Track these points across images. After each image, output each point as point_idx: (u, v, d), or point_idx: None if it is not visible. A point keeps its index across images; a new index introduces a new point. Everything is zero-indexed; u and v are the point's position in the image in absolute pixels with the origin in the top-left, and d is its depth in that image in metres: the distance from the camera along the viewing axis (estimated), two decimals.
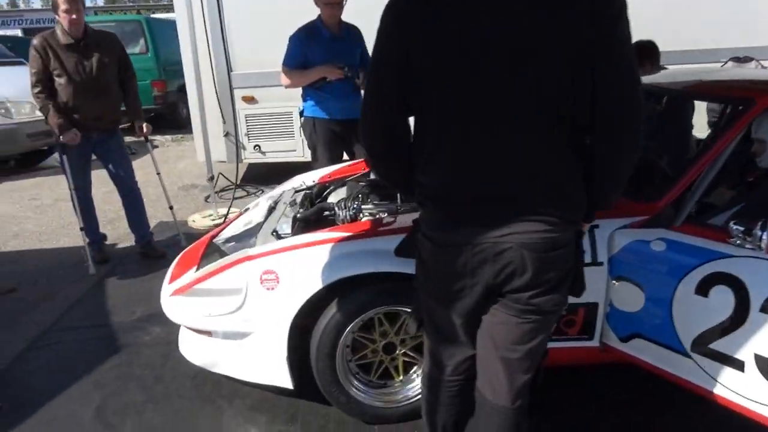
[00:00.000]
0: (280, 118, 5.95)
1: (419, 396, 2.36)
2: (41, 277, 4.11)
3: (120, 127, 4.19)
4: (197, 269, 2.63)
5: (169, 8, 11.44)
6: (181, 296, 2.56)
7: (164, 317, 3.22)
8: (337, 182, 3.44)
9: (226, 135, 5.88)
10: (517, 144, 1.41)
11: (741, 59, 4.23)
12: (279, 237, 2.62)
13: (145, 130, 4.23)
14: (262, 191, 5.99)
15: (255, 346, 2.36)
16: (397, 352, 2.40)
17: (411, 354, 2.41)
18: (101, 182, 4.60)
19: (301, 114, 4.02)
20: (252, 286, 2.30)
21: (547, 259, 1.44)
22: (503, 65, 1.35)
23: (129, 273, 4.10)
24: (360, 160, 3.65)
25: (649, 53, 3.82)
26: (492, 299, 1.56)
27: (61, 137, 3.86)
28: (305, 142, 5.92)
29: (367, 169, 3.46)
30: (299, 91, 5.79)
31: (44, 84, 3.82)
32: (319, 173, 3.58)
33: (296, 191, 3.35)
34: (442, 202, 1.50)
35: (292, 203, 3.04)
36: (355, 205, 2.85)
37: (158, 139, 9.56)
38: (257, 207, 3.33)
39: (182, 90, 7.41)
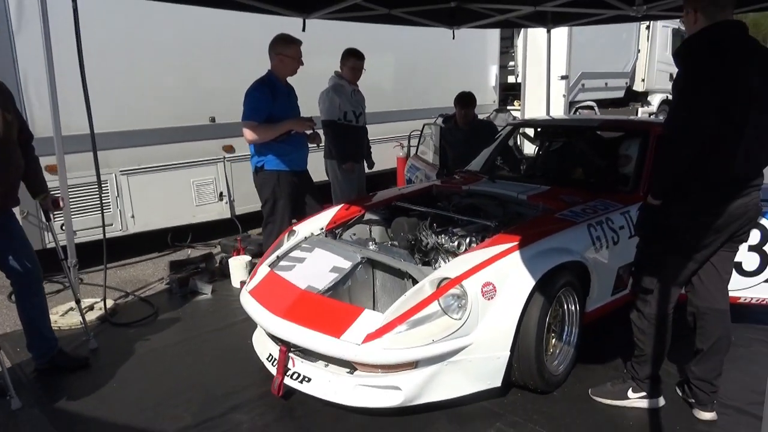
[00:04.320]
0: (90, 188, 5.05)
1: None
2: None
3: None
4: (387, 311, 2.63)
5: None
6: (383, 337, 2.54)
7: (221, 408, 2.92)
8: (344, 227, 3.67)
9: (25, 216, 4.65)
10: None
11: (585, 107, 6.31)
12: (426, 262, 2.91)
13: (62, 204, 3.29)
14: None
15: (475, 356, 2.62)
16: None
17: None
18: None
19: (259, 169, 3.89)
20: (473, 300, 2.58)
21: None
22: None
23: (64, 393, 3.08)
24: (330, 208, 3.86)
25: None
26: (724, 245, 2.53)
27: None
28: (125, 214, 5.32)
29: (361, 213, 3.77)
30: (116, 155, 5.15)
31: None
32: (318, 222, 3.64)
33: (326, 235, 3.48)
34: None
35: (374, 241, 3.23)
36: (430, 233, 3.30)
37: None
38: (316, 263, 3.20)
39: None
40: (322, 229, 3.58)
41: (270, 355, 3.01)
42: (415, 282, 2.84)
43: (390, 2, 5.01)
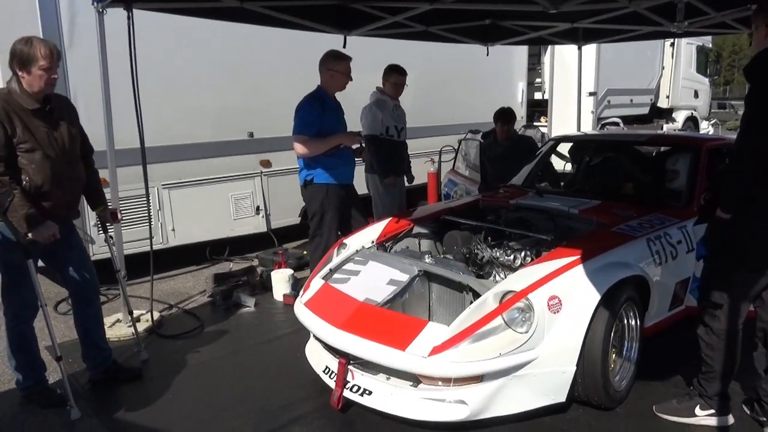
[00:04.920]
0: (135, 202, 5.10)
1: None
2: None
3: None
4: (452, 324, 2.61)
5: None
6: (451, 350, 2.52)
7: (280, 421, 2.88)
8: (394, 240, 3.66)
9: None
10: None
11: (611, 124, 6.32)
12: (480, 276, 2.91)
13: (119, 216, 3.34)
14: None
15: (540, 370, 2.59)
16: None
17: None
18: None
19: (308, 183, 3.91)
20: (540, 314, 2.56)
21: None
22: None
23: (121, 404, 3.10)
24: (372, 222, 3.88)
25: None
26: None
27: (29, 234, 2.79)
28: (166, 227, 5.35)
29: (410, 226, 3.76)
30: (158, 170, 5.20)
31: (8, 162, 2.73)
32: (368, 235, 3.64)
33: (377, 248, 3.47)
34: None
35: (429, 254, 3.22)
36: (485, 247, 3.29)
37: None
38: (372, 276, 3.18)
39: None
40: (372, 242, 3.58)
41: (327, 367, 3.00)
42: (476, 295, 2.82)
43: (428, 20, 5.06)
